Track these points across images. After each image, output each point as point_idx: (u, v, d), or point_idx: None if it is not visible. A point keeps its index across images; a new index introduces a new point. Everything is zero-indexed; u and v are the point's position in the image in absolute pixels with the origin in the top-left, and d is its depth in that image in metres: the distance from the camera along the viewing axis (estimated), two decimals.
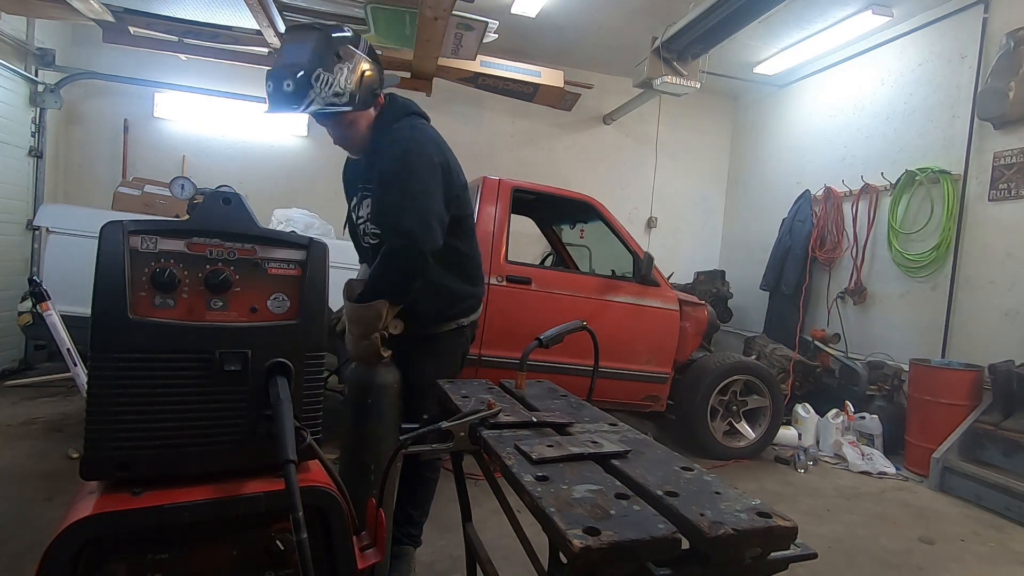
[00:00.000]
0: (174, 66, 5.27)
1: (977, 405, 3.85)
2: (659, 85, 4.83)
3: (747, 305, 6.46)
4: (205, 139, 5.67)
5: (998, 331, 4.05)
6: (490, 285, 3.41)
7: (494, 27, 4.00)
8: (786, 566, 0.86)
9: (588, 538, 0.75)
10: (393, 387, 1.28)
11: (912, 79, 4.94)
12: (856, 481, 3.77)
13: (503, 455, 1.06)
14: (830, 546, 2.73)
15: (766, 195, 6.63)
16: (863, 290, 5.13)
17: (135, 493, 0.94)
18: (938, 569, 2.63)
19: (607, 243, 3.99)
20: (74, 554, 0.87)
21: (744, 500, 0.91)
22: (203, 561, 0.96)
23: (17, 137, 4.67)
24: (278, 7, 3.57)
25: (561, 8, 5.21)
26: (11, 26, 4.50)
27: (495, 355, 3.41)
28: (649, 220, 7.07)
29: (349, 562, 1.03)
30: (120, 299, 0.93)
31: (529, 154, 6.49)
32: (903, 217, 4.82)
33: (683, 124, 7.07)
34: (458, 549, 1.96)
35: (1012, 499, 3.29)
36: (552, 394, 1.58)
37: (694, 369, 3.94)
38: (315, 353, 1.07)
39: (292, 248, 1.08)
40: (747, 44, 5.57)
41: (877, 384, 4.61)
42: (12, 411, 3.73)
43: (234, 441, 1.01)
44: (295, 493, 0.88)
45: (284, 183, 5.60)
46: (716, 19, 4.20)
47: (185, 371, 0.97)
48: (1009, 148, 4.09)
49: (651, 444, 1.20)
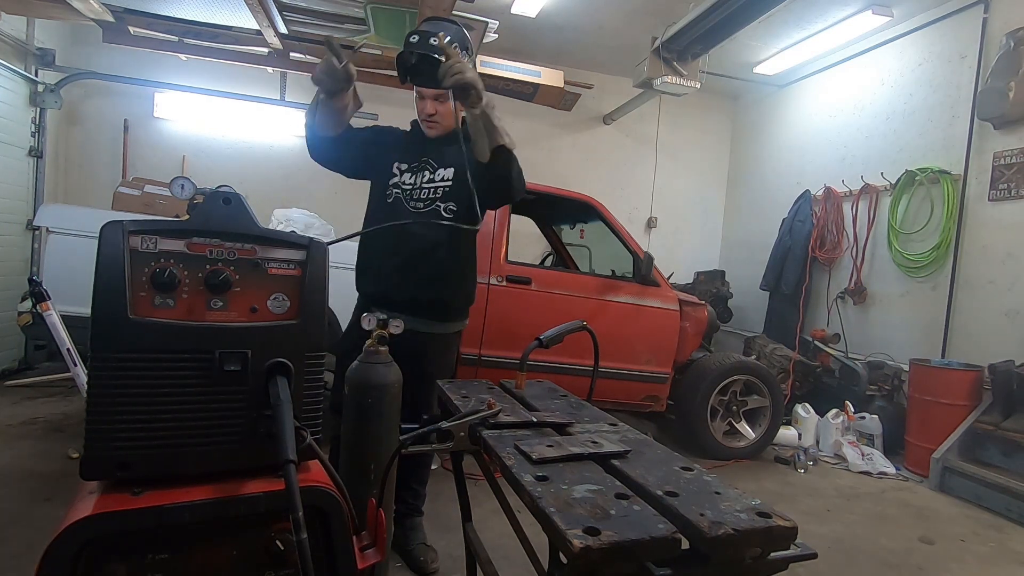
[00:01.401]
0: (174, 66, 5.27)
1: (977, 405, 3.85)
2: (659, 85, 4.83)
3: (747, 305, 6.46)
4: (205, 139, 5.67)
5: (998, 331, 4.06)
6: (490, 285, 3.42)
7: (494, 27, 4.00)
8: (786, 566, 0.86)
9: (588, 538, 0.75)
10: (393, 387, 1.29)
11: (912, 79, 4.94)
12: (856, 481, 3.77)
13: (503, 455, 1.06)
14: (830, 546, 2.73)
15: (766, 195, 6.63)
16: (863, 290, 5.13)
17: (135, 493, 0.93)
18: (938, 569, 2.63)
19: (607, 243, 3.99)
20: (74, 554, 0.86)
21: (744, 500, 0.91)
22: (203, 561, 0.96)
23: (17, 137, 4.67)
24: (278, 7, 3.57)
25: (561, 8, 5.21)
26: (11, 26, 4.50)
27: (495, 355, 3.42)
28: (649, 220, 7.07)
29: (349, 562, 1.03)
30: (120, 299, 0.93)
31: (529, 154, 6.44)
32: (903, 217, 4.82)
33: (683, 124, 7.07)
34: (458, 549, 1.96)
35: (1012, 499, 3.29)
36: (552, 394, 1.59)
37: (694, 369, 3.94)
38: (315, 353, 1.07)
39: (292, 248, 1.08)
40: (747, 44, 5.57)
41: (877, 384, 4.61)
42: (12, 411, 3.73)
43: (234, 441, 1.00)
44: (295, 493, 0.88)
45: (284, 183, 5.61)
46: (716, 19, 4.20)
47: (185, 371, 0.97)
48: (1009, 148, 4.09)
49: (651, 444, 1.20)
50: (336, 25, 3.83)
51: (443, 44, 1.79)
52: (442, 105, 2.06)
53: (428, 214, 2.07)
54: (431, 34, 1.87)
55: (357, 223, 2.31)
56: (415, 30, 1.94)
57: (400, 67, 1.96)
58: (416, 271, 2.05)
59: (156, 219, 1.11)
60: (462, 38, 1.98)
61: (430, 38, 1.86)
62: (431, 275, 2.05)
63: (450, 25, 2.00)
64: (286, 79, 5.68)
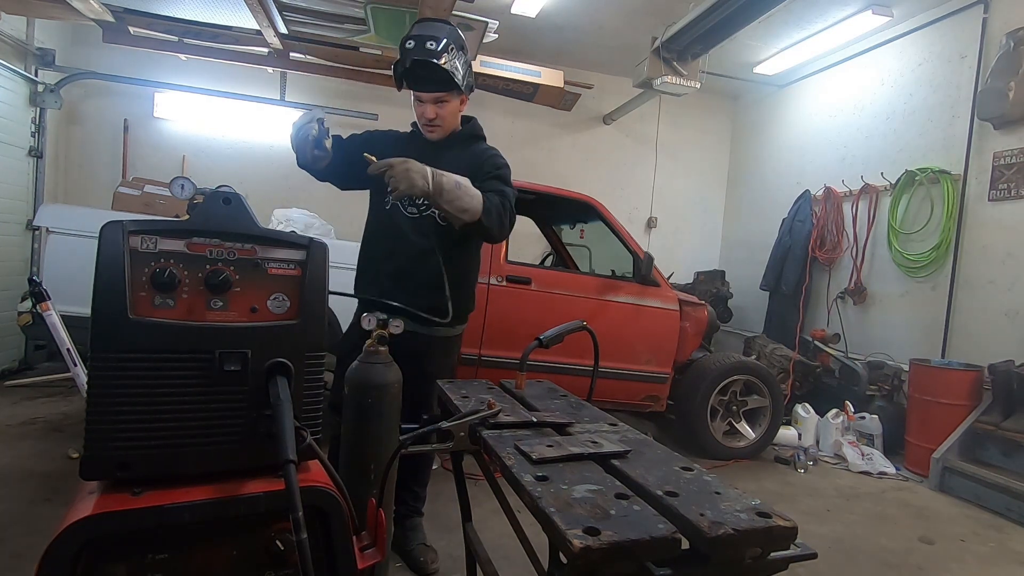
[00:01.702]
0: (174, 66, 5.27)
1: (977, 405, 3.85)
2: (659, 85, 4.83)
3: (747, 305, 6.46)
4: (205, 139, 5.67)
5: (998, 331, 4.05)
6: (490, 285, 3.42)
7: (494, 27, 4.00)
8: (786, 566, 0.86)
9: (588, 538, 0.75)
10: (393, 387, 1.29)
11: (912, 79, 4.94)
12: (856, 481, 3.77)
13: (503, 455, 1.06)
14: (830, 546, 2.73)
15: (766, 195, 6.63)
16: (863, 290, 5.13)
17: (135, 493, 0.93)
18: (938, 569, 2.63)
19: (607, 243, 3.98)
20: (74, 554, 0.86)
21: (744, 500, 0.91)
22: (203, 561, 0.96)
23: (17, 137, 4.67)
24: (278, 7, 3.56)
25: (561, 8, 5.21)
26: (11, 26, 4.50)
27: (495, 355, 3.42)
28: (649, 220, 7.07)
29: (349, 562, 1.03)
30: (120, 299, 0.93)
31: (529, 154, 6.49)
32: (903, 217, 4.82)
33: (683, 124, 7.07)
34: (458, 549, 1.96)
35: (1012, 499, 3.29)
36: (552, 394, 1.58)
37: (694, 369, 3.94)
38: (315, 353, 1.07)
39: (292, 248, 1.08)
40: (747, 44, 5.57)
41: (877, 384, 4.61)
42: (12, 411, 3.73)
43: (234, 441, 1.00)
44: (295, 493, 0.88)
45: (284, 183, 5.60)
46: (716, 19, 4.20)
47: (185, 371, 0.97)
48: (1009, 148, 4.09)
49: (651, 444, 1.20)
50: (336, 25, 3.83)
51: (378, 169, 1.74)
52: (443, 108, 2.04)
53: (423, 220, 2.06)
54: (426, 38, 1.86)
55: (358, 223, 2.32)
56: (410, 35, 1.92)
57: (397, 73, 1.95)
58: (411, 277, 2.03)
59: (156, 219, 1.11)
60: (457, 39, 1.96)
61: (426, 42, 1.85)
62: (424, 282, 2.00)
63: (443, 26, 1.98)
64: (286, 79, 5.68)
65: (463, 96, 2.07)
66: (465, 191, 1.84)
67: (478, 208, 1.86)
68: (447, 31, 1.94)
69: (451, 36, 1.93)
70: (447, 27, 1.98)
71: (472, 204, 1.85)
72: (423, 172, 1.74)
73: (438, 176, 1.77)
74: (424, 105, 2.04)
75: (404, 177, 1.71)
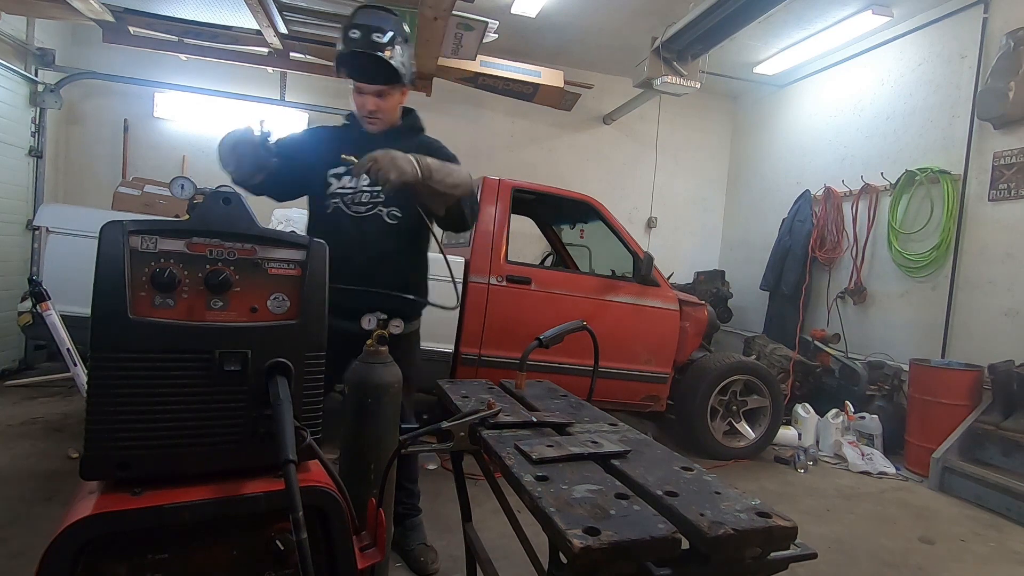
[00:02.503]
0: (174, 66, 5.26)
1: (977, 405, 3.85)
2: (659, 85, 4.83)
3: (747, 305, 6.46)
4: (205, 139, 5.66)
5: (998, 331, 4.05)
6: (490, 285, 3.42)
7: (494, 27, 4.00)
8: (786, 566, 0.86)
9: (588, 538, 0.75)
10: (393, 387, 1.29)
11: (912, 79, 4.94)
12: (856, 481, 3.77)
13: (503, 455, 1.06)
14: (830, 546, 2.73)
15: (766, 195, 6.63)
16: (863, 290, 5.13)
17: (135, 493, 0.93)
18: (938, 569, 2.63)
19: (607, 243, 3.98)
20: (74, 554, 0.86)
21: (744, 500, 0.91)
22: (203, 561, 0.96)
23: (17, 137, 4.67)
24: (278, 7, 3.57)
25: (561, 8, 5.21)
26: (11, 26, 4.50)
27: (495, 355, 3.42)
28: (649, 220, 7.07)
29: (349, 562, 1.03)
30: (120, 299, 0.93)
31: (529, 154, 6.49)
32: (903, 217, 4.82)
33: (683, 124, 7.07)
34: (458, 549, 1.96)
35: (1012, 499, 3.29)
36: (552, 394, 1.59)
37: (694, 369, 3.94)
38: (315, 353, 1.07)
39: (292, 248, 1.08)
40: (747, 44, 5.57)
41: (877, 384, 4.61)
42: (12, 411, 3.73)
43: (234, 441, 1.00)
44: (295, 493, 0.88)
45: None
46: (716, 19, 4.20)
47: (185, 371, 0.97)
48: (1009, 148, 4.09)
49: (651, 444, 1.20)
50: (336, 25, 3.83)
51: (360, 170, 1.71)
52: (384, 101, 1.94)
53: (370, 219, 1.98)
54: (373, 29, 1.80)
55: None
56: (354, 22, 1.83)
57: (338, 60, 1.87)
58: (371, 279, 1.92)
59: (156, 219, 1.11)
60: (401, 30, 1.89)
61: (372, 33, 1.79)
62: (387, 282, 1.94)
63: (390, 17, 1.88)
64: (286, 79, 5.68)
65: (404, 88, 1.99)
66: (449, 166, 1.81)
67: (467, 178, 1.84)
68: (393, 23, 1.87)
69: (397, 28, 1.87)
70: (393, 17, 1.90)
71: (462, 176, 1.83)
72: (407, 157, 1.70)
73: (421, 159, 1.72)
74: (365, 97, 1.94)
75: (393, 166, 1.65)
